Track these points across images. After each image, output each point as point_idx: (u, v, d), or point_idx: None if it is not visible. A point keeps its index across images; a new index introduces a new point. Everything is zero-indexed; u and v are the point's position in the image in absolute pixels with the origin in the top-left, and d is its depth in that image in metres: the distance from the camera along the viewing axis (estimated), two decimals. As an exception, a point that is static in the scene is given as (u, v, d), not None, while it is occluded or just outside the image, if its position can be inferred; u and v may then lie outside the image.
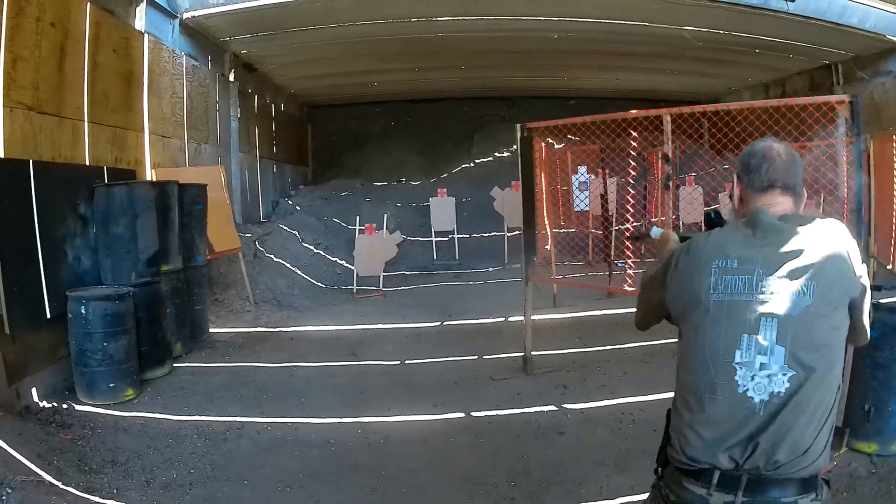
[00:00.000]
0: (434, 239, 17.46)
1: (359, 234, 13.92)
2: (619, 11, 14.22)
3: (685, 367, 2.40)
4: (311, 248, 16.06)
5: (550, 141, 12.47)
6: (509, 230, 16.98)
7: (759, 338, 2.19)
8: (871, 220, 8.70)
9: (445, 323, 11.08)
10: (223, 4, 12.25)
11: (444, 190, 17.89)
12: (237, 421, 6.84)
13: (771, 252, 2.27)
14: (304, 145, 25.11)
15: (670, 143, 6.99)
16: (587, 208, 14.02)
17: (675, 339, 2.58)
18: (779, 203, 2.42)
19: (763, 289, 2.22)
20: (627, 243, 10.08)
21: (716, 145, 12.95)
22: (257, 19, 13.25)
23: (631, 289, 7.84)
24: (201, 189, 10.35)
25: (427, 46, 16.21)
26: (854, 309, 2.29)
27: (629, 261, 9.12)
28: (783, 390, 2.16)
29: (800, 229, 2.29)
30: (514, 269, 13.94)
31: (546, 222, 12.23)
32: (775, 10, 13.83)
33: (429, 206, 17.87)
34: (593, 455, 5.96)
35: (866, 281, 2.33)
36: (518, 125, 8.49)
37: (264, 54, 16.45)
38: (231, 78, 15.61)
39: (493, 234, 17.50)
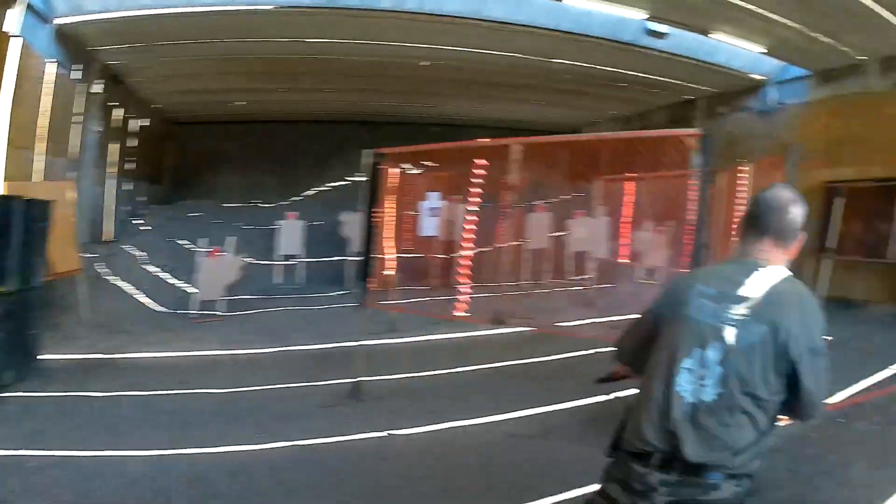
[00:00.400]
0: (278, 263, 16.78)
1: (201, 256, 13.20)
2: (492, 43, 14.16)
3: (651, 363, 2.68)
4: (156, 270, 15.43)
5: (406, 167, 12.19)
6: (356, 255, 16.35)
7: (706, 353, 2.47)
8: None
9: (282, 349, 10.51)
10: (99, 12, 11.74)
11: (295, 213, 17.34)
12: (59, 455, 6.11)
13: (743, 289, 2.51)
14: (161, 162, 23.99)
15: (517, 172, 7.10)
16: (434, 234, 13.79)
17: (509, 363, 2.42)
18: (767, 252, 2.60)
19: (725, 319, 2.48)
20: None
21: (573, 174, 13.33)
22: (131, 30, 12.74)
23: (463, 314, 7.99)
24: (47, 206, 9.56)
25: (293, 67, 15.86)
26: (801, 376, 2.42)
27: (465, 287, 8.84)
28: (709, 401, 2.43)
29: (775, 281, 2.51)
30: (357, 294, 13.39)
31: (387, 247, 11.87)
32: (646, 47, 14.06)
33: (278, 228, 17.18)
34: (415, 483, 5.71)
35: (824, 359, 2.47)
36: (366, 151, 8.37)
37: (134, 66, 15.75)
38: (96, 89, 14.98)
39: (339, 258, 17.02)
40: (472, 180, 8.06)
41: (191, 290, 13.48)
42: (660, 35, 13.14)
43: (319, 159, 24.75)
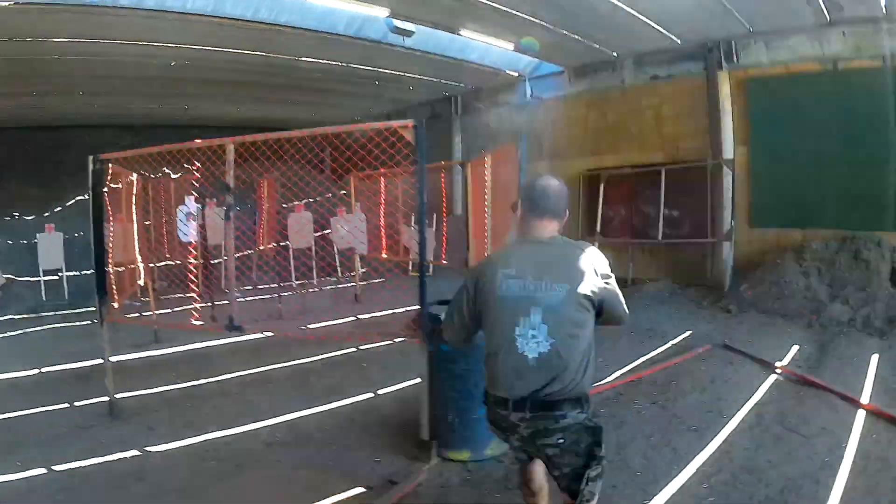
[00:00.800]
0: (42, 278, 15.30)
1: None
2: (234, 42, 13.46)
3: (488, 339, 3.33)
4: None
5: (145, 172, 11.26)
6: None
7: (530, 319, 3.14)
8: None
9: (45, 369, 9.41)
10: None
11: (52, 225, 15.75)
12: None
13: (537, 263, 3.21)
14: None
15: (232, 172, 6.52)
16: (192, 240, 12.90)
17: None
18: (548, 227, 3.33)
19: (531, 289, 3.17)
20: None
21: (337, 170, 12.87)
22: None
23: (199, 323, 7.73)
24: None
25: (41, 69, 14.42)
26: (603, 301, 3.21)
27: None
28: (546, 350, 3.12)
29: (559, 249, 3.27)
30: (130, 306, 12.24)
31: (139, 256, 11.14)
32: (393, 45, 13.80)
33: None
34: (170, 499, 5.31)
35: (612, 283, 3.27)
36: (91, 157, 7.76)
37: None
38: None
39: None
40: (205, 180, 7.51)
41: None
42: (406, 32, 12.80)
43: (81, 167, 22.29)
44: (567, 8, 11.37)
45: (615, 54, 14.35)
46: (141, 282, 11.26)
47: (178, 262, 13.93)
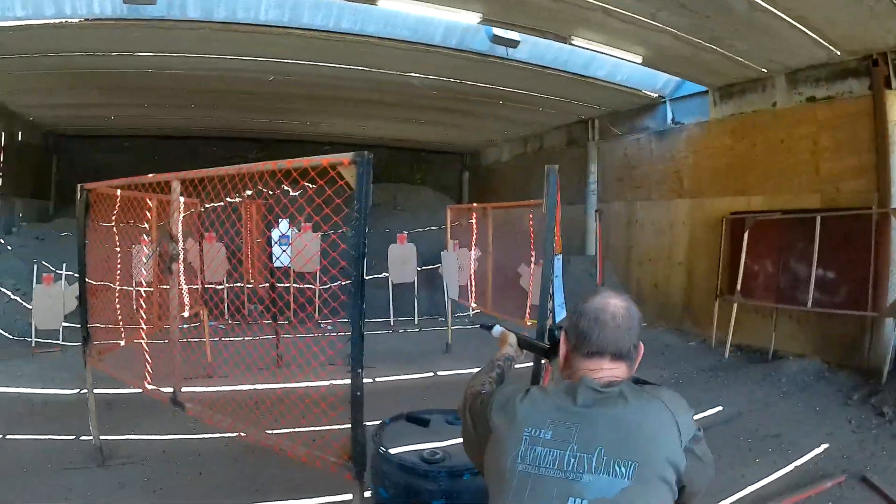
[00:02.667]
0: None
1: (36, 283, 12.45)
2: (332, 55, 12.64)
3: None
4: (9, 293, 14.02)
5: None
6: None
7: None
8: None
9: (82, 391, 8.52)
10: None
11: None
12: None
13: (589, 426, 2.04)
14: (45, 177, 21.92)
15: (180, 213, 5.68)
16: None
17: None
18: (606, 370, 2.20)
19: (575, 467, 1.98)
20: None
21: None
22: None
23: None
24: None
25: (139, 82, 14.50)
26: (686, 482, 2.07)
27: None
28: None
29: (625, 402, 2.08)
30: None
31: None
32: (504, 59, 12.21)
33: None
34: None
35: (703, 448, 2.15)
36: (79, 185, 6.90)
37: None
38: None
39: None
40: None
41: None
42: (510, 43, 11.13)
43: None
44: (698, 9, 9.21)
45: (764, 70, 11.76)
46: (185, 313, 10.05)
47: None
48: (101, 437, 6.87)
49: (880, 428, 8.00)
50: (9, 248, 16.53)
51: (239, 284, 14.68)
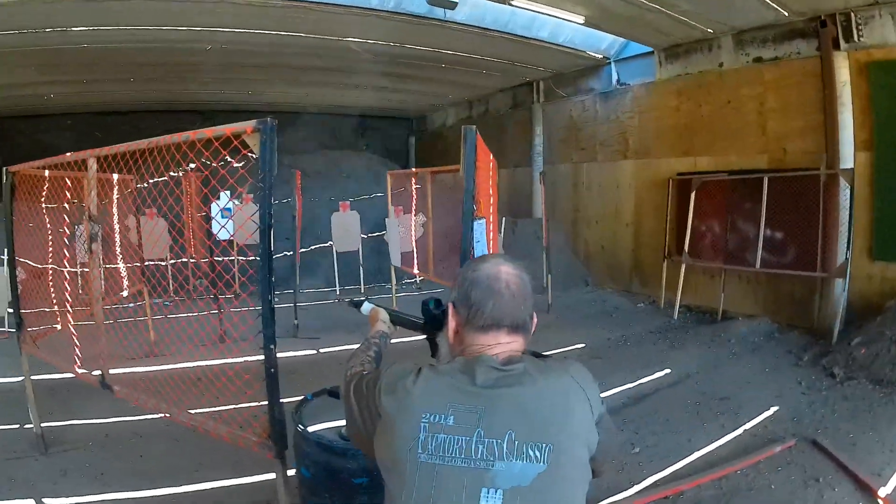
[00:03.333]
0: None
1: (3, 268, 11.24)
2: (267, 22, 12.28)
3: None
4: None
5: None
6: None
7: None
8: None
9: None
10: None
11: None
12: None
13: (495, 409, 1.80)
14: None
15: (94, 192, 5.49)
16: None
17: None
18: (503, 344, 1.95)
19: (484, 454, 1.76)
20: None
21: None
22: None
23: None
24: None
25: (75, 58, 13.96)
26: (598, 459, 1.92)
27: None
28: None
29: (531, 380, 1.85)
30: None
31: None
32: (442, 21, 11.84)
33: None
34: None
35: (608, 421, 1.98)
36: (3, 168, 6.82)
37: None
38: None
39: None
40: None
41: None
42: (448, 4, 10.74)
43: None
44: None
45: (710, 31, 11.58)
46: (125, 292, 10.01)
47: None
48: (44, 425, 6.77)
49: (831, 389, 7.94)
50: None
51: (183, 260, 14.32)
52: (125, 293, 9.90)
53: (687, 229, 11.78)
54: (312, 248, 15.51)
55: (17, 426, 7.10)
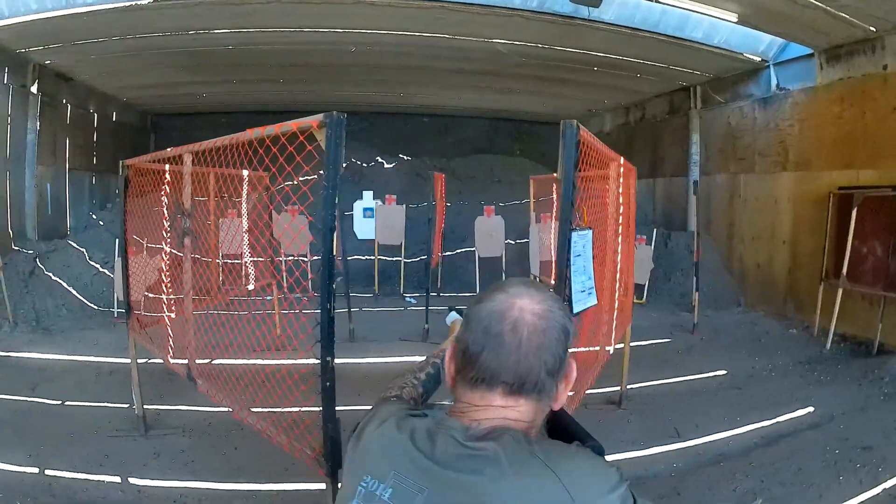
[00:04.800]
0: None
1: (118, 256, 12.36)
2: (410, 23, 12.26)
3: None
4: (98, 266, 14.67)
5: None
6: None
7: None
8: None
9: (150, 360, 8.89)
10: (8, 17, 11.12)
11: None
12: None
13: (439, 495, 1.34)
14: (143, 154, 22.54)
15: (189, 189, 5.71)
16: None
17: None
18: (496, 408, 1.45)
19: None
20: None
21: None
22: (54, 30, 11.84)
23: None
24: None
25: (222, 59, 14.66)
26: None
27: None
28: None
29: (496, 470, 1.33)
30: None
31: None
32: (588, 21, 11.40)
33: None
34: None
35: None
36: (121, 162, 7.63)
37: (75, 64, 14.71)
38: (34, 90, 14.25)
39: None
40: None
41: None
42: (591, 2, 10.16)
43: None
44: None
45: (872, 28, 10.43)
46: (251, 286, 10.39)
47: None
48: (151, 407, 7.30)
49: None
50: (101, 223, 17.09)
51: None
52: (251, 286, 10.09)
53: (846, 250, 10.67)
54: (457, 251, 15.43)
55: (127, 405, 7.43)
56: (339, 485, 1.60)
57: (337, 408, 3.70)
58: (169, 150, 6.15)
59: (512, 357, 1.43)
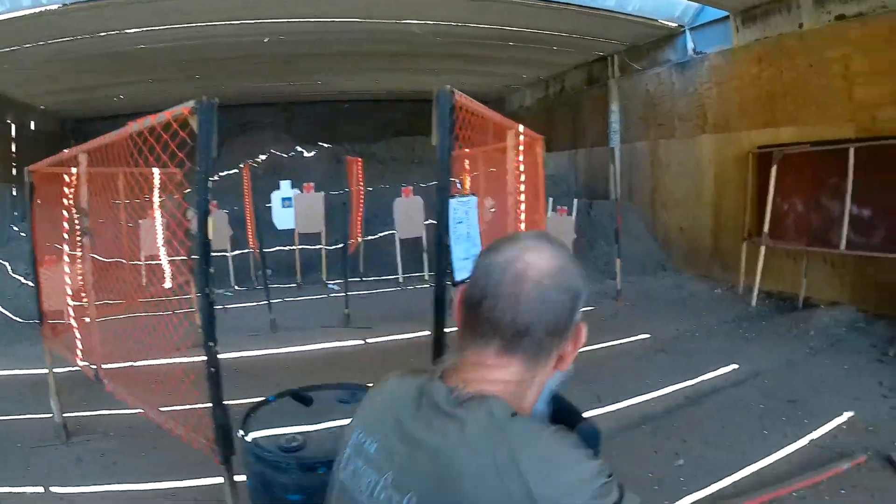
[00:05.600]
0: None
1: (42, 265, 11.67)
2: (321, 9, 12.16)
3: None
4: (21, 279, 14.14)
5: None
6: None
7: None
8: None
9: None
10: None
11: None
12: None
13: (411, 456, 1.30)
14: None
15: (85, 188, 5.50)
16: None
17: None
18: (486, 367, 1.34)
19: (382, 500, 1.32)
20: None
21: None
22: None
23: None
24: None
25: (134, 59, 14.32)
26: None
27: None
28: None
29: (459, 433, 1.25)
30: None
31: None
32: None
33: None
34: None
35: None
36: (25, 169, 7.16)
37: None
38: None
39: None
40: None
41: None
42: None
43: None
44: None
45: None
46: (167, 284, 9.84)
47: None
48: (76, 414, 7.20)
49: (922, 390, 6.95)
50: (22, 234, 16.55)
51: (245, 251, 14.42)
52: (168, 285, 9.90)
53: (767, 208, 10.77)
54: (379, 235, 15.34)
55: (50, 415, 7.14)
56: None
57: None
58: (65, 151, 6.03)
59: (509, 311, 1.33)
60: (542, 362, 1.37)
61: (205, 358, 3.43)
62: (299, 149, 19.62)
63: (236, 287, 14.25)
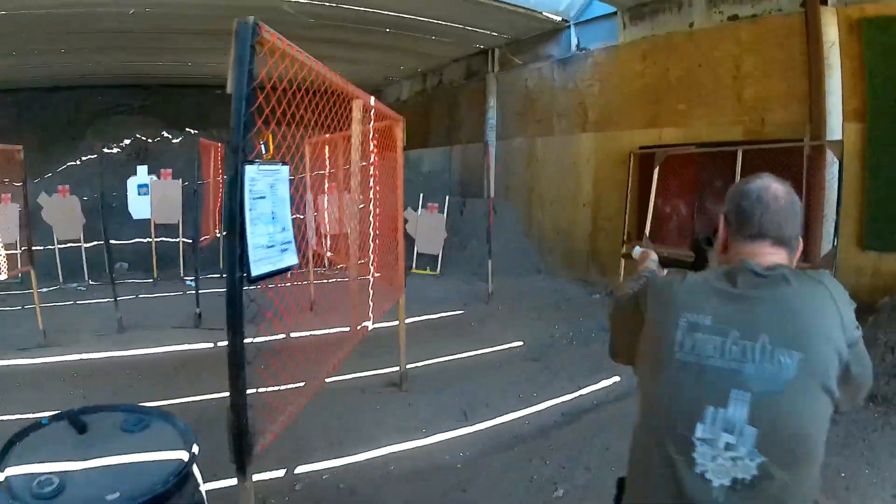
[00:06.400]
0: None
1: None
2: None
3: (644, 415, 1.98)
4: None
5: None
6: (59, 242, 13.73)
7: (728, 412, 1.77)
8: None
9: None
10: None
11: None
12: None
13: (751, 311, 1.86)
14: None
15: None
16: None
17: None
18: (768, 254, 2.02)
19: (738, 355, 1.79)
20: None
21: None
22: None
23: None
24: None
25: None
26: (851, 375, 1.83)
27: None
28: (749, 478, 1.72)
29: (787, 285, 1.89)
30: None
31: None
32: None
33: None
34: None
35: (859, 338, 1.88)
36: None
37: None
38: None
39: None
40: None
41: None
42: None
43: (81, 130, 21.10)
44: None
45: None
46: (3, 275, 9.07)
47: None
48: None
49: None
50: None
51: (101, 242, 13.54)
52: (3, 276, 8.88)
53: (648, 211, 10.47)
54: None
55: None
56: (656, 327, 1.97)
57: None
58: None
59: (777, 218, 2.01)
60: (792, 254, 2.04)
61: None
62: (166, 134, 18.38)
63: (90, 282, 13.11)
